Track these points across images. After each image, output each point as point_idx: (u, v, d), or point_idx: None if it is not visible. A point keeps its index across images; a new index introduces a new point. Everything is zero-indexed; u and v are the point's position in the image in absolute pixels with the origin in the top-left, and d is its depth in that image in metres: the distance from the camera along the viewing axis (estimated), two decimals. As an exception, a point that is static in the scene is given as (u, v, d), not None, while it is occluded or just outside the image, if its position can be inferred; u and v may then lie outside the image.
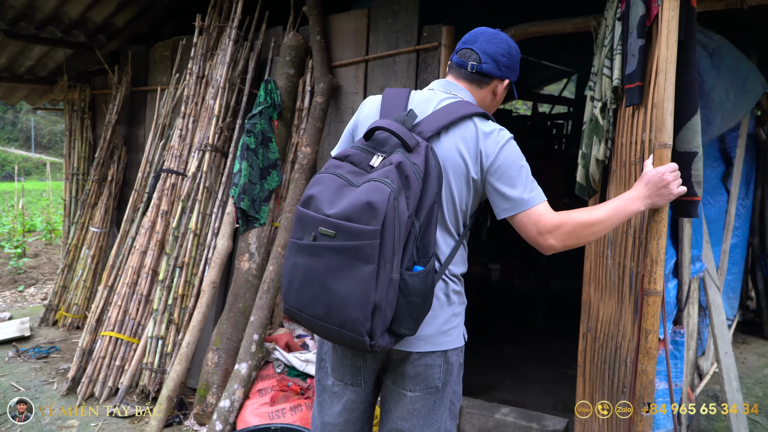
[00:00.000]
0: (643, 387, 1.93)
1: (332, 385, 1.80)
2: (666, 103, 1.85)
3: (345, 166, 1.60)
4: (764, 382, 3.91)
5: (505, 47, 1.79)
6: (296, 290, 1.57)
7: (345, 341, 1.53)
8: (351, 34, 3.55)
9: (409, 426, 1.75)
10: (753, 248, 5.15)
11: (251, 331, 3.17)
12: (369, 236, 1.46)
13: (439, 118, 1.67)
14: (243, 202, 3.33)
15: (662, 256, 1.89)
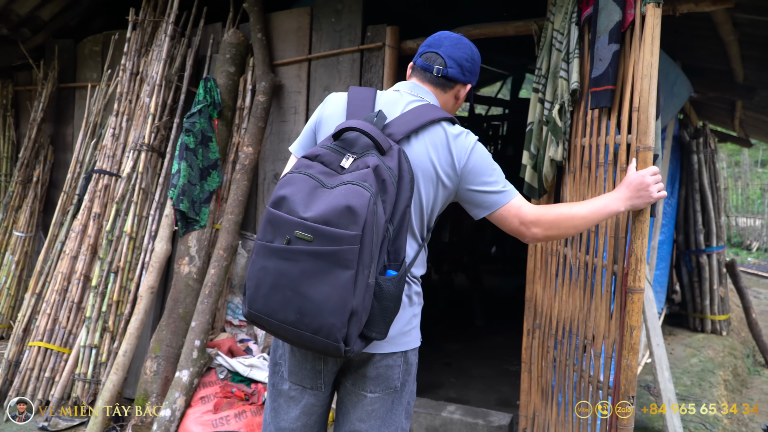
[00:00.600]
0: (627, 381, 2.00)
1: (289, 389, 1.75)
2: (650, 108, 1.92)
3: (316, 166, 1.56)
4: (691, 372, 4.12)
5: (469, 52, 1.81)
6: (264, 295, 1.51)
7: (317, 347, 1.50)
8: (293, 32, 3.50)
9: (367, 427, 1.74)
10: (678, 244, 5.42)
11: (192, 337, 3.07)
12: (349, 241, 1.44)
13: (409, 120, 1.66)
14: (182, 203, 3.22)
15: (645, 255, 1.96)
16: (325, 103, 1.80)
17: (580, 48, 2.35)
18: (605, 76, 2.19)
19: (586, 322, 2.30)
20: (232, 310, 3.53)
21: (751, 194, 13.42)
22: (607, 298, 2.18)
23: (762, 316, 6.89)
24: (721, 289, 5.19)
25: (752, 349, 5.40)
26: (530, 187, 2.62)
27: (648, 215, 1.98)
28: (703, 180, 5.22)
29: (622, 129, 2.12)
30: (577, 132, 2.40)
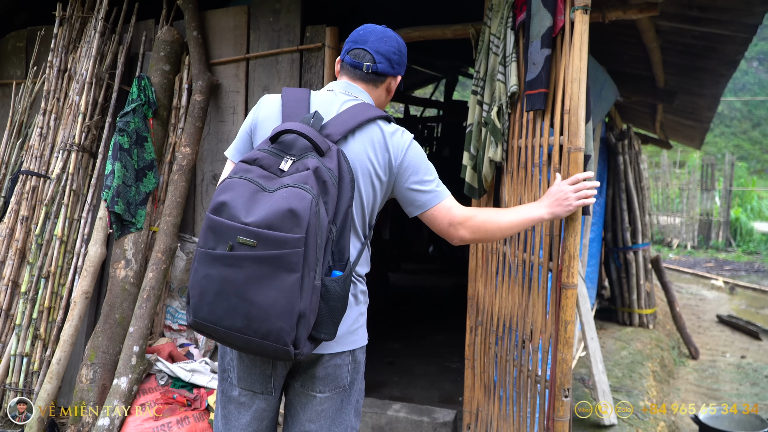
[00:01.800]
0: (563, 374, 2.07)
1: (239, 395, 1.74)
2: (580, 110, 2.01)
3: (255, 170, 1.55)
4: (622, 364, 4.31)
5: (395, 45, 1.82)
6: (209, 303, 1.50)
7: (267, 352, 1.49)
8: (230, 31, 3.45)
9: (317, 427, 1.75)
10: (606, 242, 5.67)
11: (130, 343, 2.98)
12: (293, 244, 1.44)
13: (346, 121, 1.67)
14: (117, 205, 3.12)
15: (578, 252, 2.04)
16: (259, 105, 1.79)
17: (517, 52, 2.43)
18: (539, 79, 2.27)
19: (525, 318, 2.38)
20: (171, 314, 3.45)
21: (670, 193, 14.15)
22: (544, 295, 2.26)
23: (685, 310, 7.29)
24: (647, 284, 5.46)
25: (677, 341, 5.71)
26: (470, 187, 2.68)
27: (580, 214, 2.07)
28: (628, 180, 5.47)
29: (555, 131, 2.21)
30: (514, 133, 2.48)
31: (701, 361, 5.47)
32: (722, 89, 4.94)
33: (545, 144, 2.25)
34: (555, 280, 2.16)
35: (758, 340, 6.30)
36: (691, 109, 5.91)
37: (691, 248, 13.38)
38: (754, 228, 13.77)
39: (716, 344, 6.10)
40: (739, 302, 8.31)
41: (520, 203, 2.42)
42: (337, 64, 1.87)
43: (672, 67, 4.46)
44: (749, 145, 24.97)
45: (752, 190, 15.20)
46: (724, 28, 3.36)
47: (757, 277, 10.19)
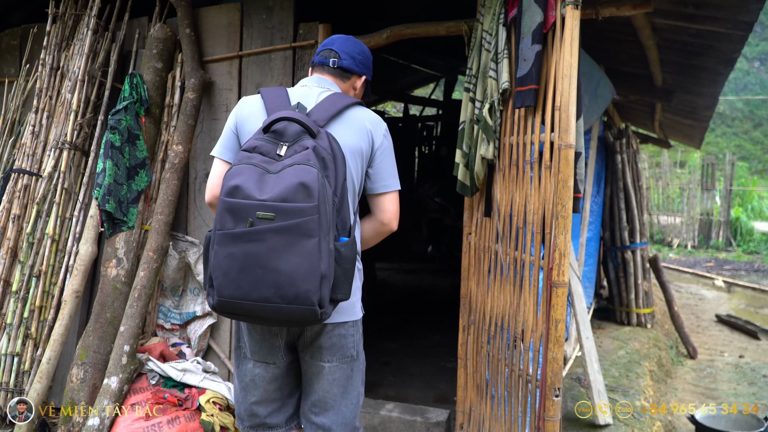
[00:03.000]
0: (554, 373, 2.05)
1: (253, 367, 1.93)
2: (570, 107, 1.99)
3: (256, 156, 1.69)
4: (619, 363, 4.28)
5: (358, 47, 2.05)
6: (234, 279, 1.62)
7: (294, 316, 1.64)
8: (223, 28, 3.43)
9: (331, 396, 1.93)
10: (604, 241, 5.64)
11: (121, 342, 2.96)
12: (309, 212, 1.60)
13: (327, 108, 1.85)
14: (108, 203, 3.10)
15: (569, 249, 2.02)
16: (240, 106, 1.94)
17: (509, 48, 2.41)
18: (529, 75, 2.25)
19: (516, 317, 2.35)
20: (164, 314, 3.43)
21: (671, 193, 14.11)
22: (535, 293, 2.24)
23: (683, 309, 7.27)
24: (645, 284, 5.43)
25: (675, 340, 5.68)
26: (462, 185, 2.66)
27: (570, 211, 2.05)
28: (626, 179, 5.44)
29: (545, 127, 2.19)
30: (506, 130, 2.46)
31: (699, 360, 5.44)
32: (720, 88, 4.91)
33: (536, 141, 2.23)
34: (545, 278, 2.14)
35: (757, 339, 6.27)
36: (690, 108, 5.88)
37: (691, 248, 13.34)
38: (755, 228, 13.72)
39: (715, 344, 6.07)
40: (738, 302, 8.28)
41: (512, 201, 2.40)
42: (310, 67, 2.07)
43: (669, 65, 4.43)
44: (751, 145, 24.91)
45: (753, 190, 15.16)
46: (720, 25, 3.33)
47: (757, 277, 10.15)
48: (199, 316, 3.38)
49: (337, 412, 1.94)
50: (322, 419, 1.94)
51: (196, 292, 3.42)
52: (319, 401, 1.94)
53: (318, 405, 1.94)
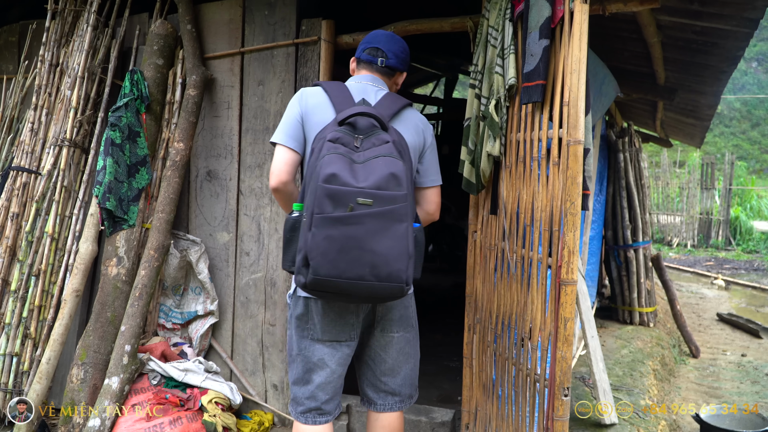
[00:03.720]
0: (563, 372, 2.02)
1: (322, 347, 2.05)
2: (579, 102, 1.96)
3: (340, 147, 1.84)
4: (623, 362, 4.25)
5: (401, 45, 2.21)
6: (332, 259, 1.76)
7: (384, 293, 1.83)
8: (225, 24, 3.39)
9: (398, 363, 2.18)
10: (607, 240, 5.61)
11: (122, 342, 2.93)
12: (401, 200, 1.81)
13: (389, 106, 2.06)
14: (109, 201, 3.07)
15: (578, 247, 1.99)
16: (303, 97, 2.07)
17: (515, 44, 2.38)
18: (536, 71, 2.22)
19: (524, 315, 2.32)
20: (165, 313, 3.39)
21: (670, 193, 14.10)
22: (543, 291, 2.21)
23: (685, 308, 7.25)
24: (648, 283, 5.41)
25: (677, 339, 5.65)
26: (468, 182, 2.63)
27: (579, 208, 2.02)
28: (629, 178, 5.41)
29: (553, 123, 2.16)
30: (512, 127, 2.43)
31: (702, 359, 5.42)
32: (723, 86, 4.87)
33: (544, 137, 2.20)
34: (554, 276, 2.10)
35: (758, 338, 6.25)
36: (692, 107, 5.85)
37: (691, 247, 13.33)
38: (754, 227, 13.71)
39: (717, 342, 6.04)
40: (738, 300, 8.26)
41: (518, 198, 2.37)
42: (352, 62, 2.23)
43: (672, 63, 4.40)
44: (748, 144, 24.93)
45: (752, 189, 15.15)
46: (725, 22, 3.30)
47: (757, 276, 10.13)
48: (200, 315, 3.34)
49: (404, 377, 2.21)
50: (391, 385, 2.19)
51: (197, 291, 3.39)
52: (389, 369, 2.17)
53: (387, 373, 2.18)
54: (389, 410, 2.23)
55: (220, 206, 3.39)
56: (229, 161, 3.37)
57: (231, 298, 3.36)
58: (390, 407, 2.22)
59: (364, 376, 2.24)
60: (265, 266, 3.27)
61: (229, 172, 3.37)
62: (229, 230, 3.36)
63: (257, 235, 3.29)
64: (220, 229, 3.39)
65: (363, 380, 2.25)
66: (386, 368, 2.17)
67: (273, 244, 3.25)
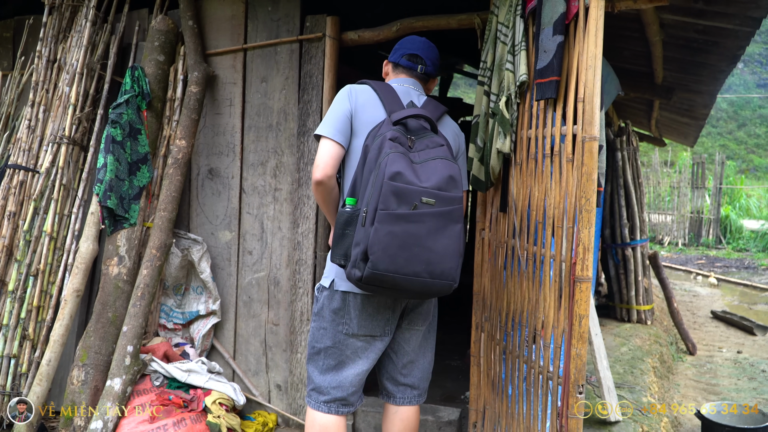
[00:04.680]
0: (577, 370, 2.00)
1: (356, 341, 2.08)
2: (595, 98, 1.94)
3: (398, 147, 1.88)
4: (623, 360, 4.26)
5: (436, 53, 2.32)
6: (392, 255, 1.79)
7: (434, 289, 1.87)
8: (227, 20, 3.35)
9: (419, 356, 2.25)
10: (604, 238, 5.62)
11: (124, 343, 2.88)
12: (458, 201, 1.89)
13: (433, 111, 2.15)
14: (109, 200, 3.02)
15: (593, 244, 1.98)
16: (353, 93, 2.11)
17: (527, 40, 2.36)
18: (550, 67, 2.20)
19: (535, 313, 2.30)
20: (166, 313, 3.35)
21: (662, 192, 14.19)
22: (555, 288, 2.19)
23: (679, 306, 7.27)
24: (645, 281, 5.42)
25: (674, 336, 5.68)
26: (477, 180, 2.60)
27: (594, 205, 2.01)
28: (627, 176, 5.43)
29: (567, 120, 2.14)
30: (523, 124, 2.41)
31: (698, 356, 5.45)
32: (720, 86, 4.90)
33: (557, 134, 2.18)
34: (568, 273, 2.09)
35: (753, 335, 6.30)
36: (688, 106, 5.88)
37: (682, 246, 13.42)
38: (743, 225, 13.84)
39: (712, 340, 6.08)
40: (731, 298, 8.33)
41: (529, 195, 2.35)
42: (386, 65, 2.32)
43: (672, 62, 4.41)
44: (735, 145, 25.17)
45: (741, 188, 15.28)
46: (728, 21, 3.31)
47: (748, 274, 10.22)
48: (202, 315, 3.30)
49: (422, 370, 2.28)
50: (410, 379, 2.25)
51: (198, 290, 3.35)
52: (409, 363, 2.22)
53: (407, 366, 2.23)
54: (408, 404, 2.27)
55: (221, 204, 3.35)
56: (231, 159, 3.33)
57: (233, 297, 3.32)
58: (409, 401, 2.27)
59: (384, 369, 2.27)
60: (268, 265, 3.24)
61: (231, 170, 3.33)
62: (231, 229, 3.32)
63: (260, 233, 3.26)
64: (221, 228, 3.35)
65: (383, 373, 2.28)
66: (407, 361, 2.23)
67: (276, 242, 3.21)
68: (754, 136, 25.34)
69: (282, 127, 3.21)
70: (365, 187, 1.91)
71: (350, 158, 2.10)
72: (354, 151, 2.09)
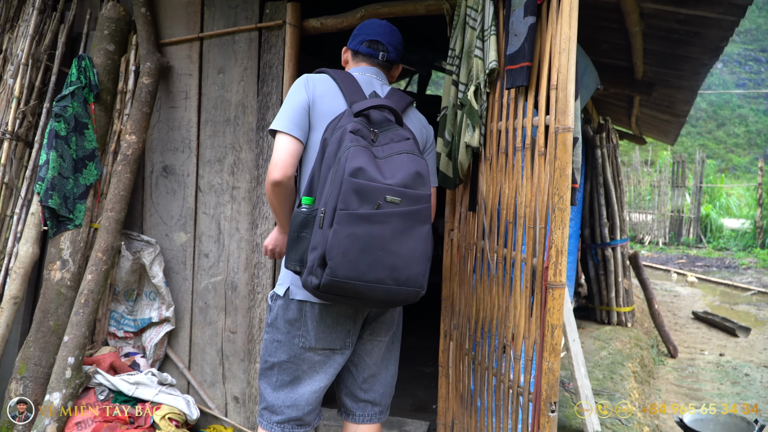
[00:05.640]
0: (549, 386, 1.82)
1: (314, 355, 1.88)
2: (569, 85, 1.76)
3: (360, 140, 1.71)
4: (602, 365, 4.11)
5: (399, 38, 2.11)
6: (352, 259, 1.61)
7: (399, 297, 1.70)
8: (182, 8, 3.14)
9: (381, 369, 2.05)
10: (584, 238, 5.48)
11: (65, 354, 2.66)
12: (426, 200, 1.72)
13: (398, 102, 1.96)
14: (51, 199, 2.79)
15: (567, 246, 1.79)
16: (311, 83, 1.91)
17: (497, 24, 2.18)
18: (521, 52, 2.02)
19: (505, 321, 2.12)
20: (116, 320, 3.12)
21: (642, 191, 14.14)
22: (527, 295, 2.01)
23: (660, 307, 7.16)
24: (626, 282, 5.29)
25: (655, 339, 5.55)
26: (445, 176, 2.41)
27: (568, 203, 1.84)
28: (606, 174, 5.29)
29: (540, 109, 1.97)
30: (493, 115, 2.23)
31: (680, 359, 5.32)
32: (701, 81, 4.77)
33: (528, 125, 2.00)
34: (540, 278, 1.91)
35: (735, 336, 6.19)
36: (668, 103, 5.75)
37: (662, 245, 13.38)
38: (724, 224, 13.84)
39: (694, 341, 5.97)
40: (713, 298, 8.24)
41: (500, 193, 2.17)
42: (345, 53, 2.12)
43: (652, 56, 4.27)
44: (714, 144, 25.35)
45: (721, 187, 15.29)
46: (711, 9, 3.16)
47: (729, 273, 10.17)
48: (155, 322, 3.09)
49: (384, 385, 2.08)
50: (372, 394, 2.05)
51: (152, 296, 3.13)
52: (371, 376, 2.03)
53: (368, 381, 2.04)
54: (368, 422, 2.07)
55: (177, 204, 3.14)
56: (187, 155, 3.11)
57: (189, 303, 3.10)
58: (369, 419, 2.07)
59: (343, 384, 2.07)
60: (225, 269, 3.03)
61: (186, 168, 3.12)
62: (187, 230, 3.11)
63: (217, 235, 3.05)
64: (177, 229, 3.14)
65: (342, 388, 2.08)
66: (368, 375, 2.03)
67: (234, 244, 3.01)
68: (733, 135, 25.53)
69: (240, 121, 3.00)
70: (323, 184, 1.71)
71: (308, 154, 1.90)
72: (312, 146, 1.89)
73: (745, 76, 27.10)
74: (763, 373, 4.92)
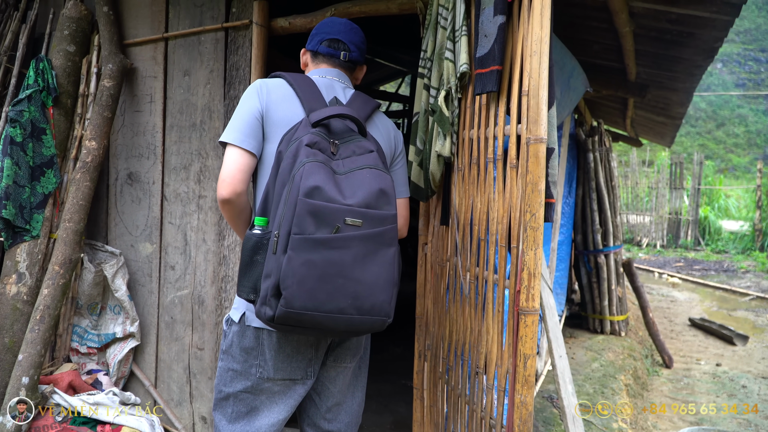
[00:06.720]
0: (522, 421, 1.66)
1: (273, 386, 1.73)
2: (541, 91, 1.60)
3: (318, 154, 1.56)
4: (593, 378, 3.95)
5: (361, 36, 1.95)
6: (309, 289, 1.47)
7: (363, 327, 1.55)
8: (146, 7, 2.99)
9: (346, 397, 1.89)
10: (576, 244, 5.32)
11: (19, 373, 2.51)
12: (391, 221, 1.56)
13: (361, 108, 1.80)
14: (6, 209, 2.64)
15: (540, 268, 1.63)
16: (264, 89, 1.75)
17: (468, 24, 2.02)
18: (491, 54, 1.86)
19: (478, 346, 1.97)
20: (79, 335, 2.97)
21: (640, 192, 13.98)
22: (499, 319, 1.86)
23: (656, 313, 7.02)
24: (619, 289, 5.13)
25: (650, 348, 5.39)
26: (417, 187, 2.25)
27: (542, 221, 1.68)
28: (599, 179, 5.13)
29: (511, 118, 1.81)
30: (465, 123, 2.07)
31: (675, 369, 5.16)
32: (696, 83, 4.61)
33: (500, 134, 1.85)
34: (512, 303, 1.75)
35: (733, 345, 6.03)
36: (663, 105, 5.60)
37: (660, 247, 13.21)
38: (722, 227, 13.66)
39: (690, 350, 5.81)
40: (710, 303, 8.08)
41: (472, 207, 2.02)
42: (304, 54, 1.94)
43: (645, 57, 4.12)
44: (714, 144, 25.20)
45: (720, 189, 15.13)
46: (704, 9, 3.01)
47: (727, 277, 10.01)
48: (119, 338, 2.93)
49: (350, 414, 1.93)
50: (336, 424, 1.90)
51: (116, 310, 2.98)
52: (335, 405, 1.88)
53: (333, 410, 1.89)
54: None
55: (142, 213, 2.98)
56: (152, 162, 2.96)
57: (155, 318, 2.95)
58: None
59: (305, 414, 1.91)
60: (192, 282, 2.87)
61: (152, 175, 2.96)
62: (153, 241, 2.96)
63: (183, 246, 2.89)
64: (142, 240, 2.98)
65: (304, 418, 1.92)
66: (333, 404, 1.88)
67: (201, 256, 2.85)
68: (733, 135, 25.39)
69: (207, 126, 2.85)
70: (278, 204, 1.56)
71: (262, 167, 1.73)
72: (266, 159, 1.72)
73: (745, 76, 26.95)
74: (761, 385, 4.76)
